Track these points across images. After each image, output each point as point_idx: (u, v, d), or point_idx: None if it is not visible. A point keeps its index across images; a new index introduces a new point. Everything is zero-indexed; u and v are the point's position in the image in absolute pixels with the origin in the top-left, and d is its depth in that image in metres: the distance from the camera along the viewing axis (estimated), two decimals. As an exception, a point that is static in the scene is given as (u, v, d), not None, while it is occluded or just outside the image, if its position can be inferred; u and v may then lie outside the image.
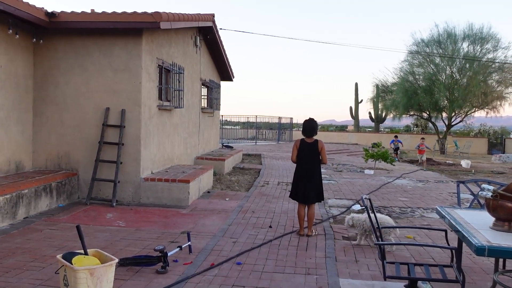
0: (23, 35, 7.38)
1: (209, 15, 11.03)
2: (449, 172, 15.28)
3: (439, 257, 5.26)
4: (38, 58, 7.83)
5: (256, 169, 13.44)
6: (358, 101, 39.01)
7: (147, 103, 7.94)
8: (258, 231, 6.18)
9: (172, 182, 7.77)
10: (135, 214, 6.96)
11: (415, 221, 7.30)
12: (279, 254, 5.18)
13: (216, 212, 7.32)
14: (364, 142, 29.35)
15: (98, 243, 5.28)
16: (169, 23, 7.71)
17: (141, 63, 7.66)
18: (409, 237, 6.16)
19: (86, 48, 7.74)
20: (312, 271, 4.64)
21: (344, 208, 8.06)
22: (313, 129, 6.10)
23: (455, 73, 26.14)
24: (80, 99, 7.80)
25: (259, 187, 10.15)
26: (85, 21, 7.38)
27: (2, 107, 7.05)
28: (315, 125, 6.17)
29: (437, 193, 10.22)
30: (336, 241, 5.86)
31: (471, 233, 3.35)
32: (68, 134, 7.85)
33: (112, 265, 3.68)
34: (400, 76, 28.20)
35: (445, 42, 26.09)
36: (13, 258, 4.69)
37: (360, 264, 4.94)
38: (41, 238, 5.49)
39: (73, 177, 7.72)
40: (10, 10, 6.42)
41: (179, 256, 4.91)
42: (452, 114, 26.46)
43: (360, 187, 10.83)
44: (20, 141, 7.55)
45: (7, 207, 6.04)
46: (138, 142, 7.74)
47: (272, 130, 30.53)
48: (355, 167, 15.54)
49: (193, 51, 11.15)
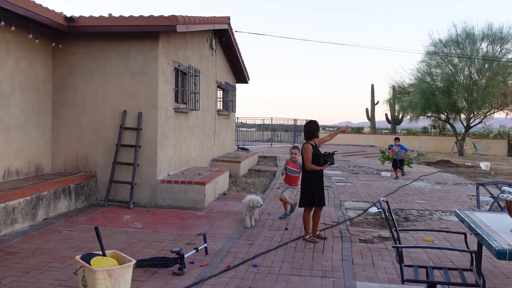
0: (43, 39, 7.51)
1: (225, 18, 11.08)
2: (467, 174, 15.04)
3: (458, 261, 5.18)
4: (57, 62, 7.96)
5: (272, 171, 13.42)
6: (374, 103, 38.67)
7: (163, 105, 8.00)
8: (274, 233, 6.17)
9: (188, 184, 7.81)
10: (152, 216, 7.01)
11: (433, 224, 7.20)
12: (295, 257, 5.16)
13: (232, 214, 7.33)
14: (380, 144, 29.09)
15: (116, 245, 5.34)
16: (185, 26, 7.76)
17: (158, 66, 7.73)
18: (427, 240, 6.07)
19: (104, 51, 7.84)
20: (329, 274, 4.61)
21: (360, 211, 7.99)
22: (309, 131, 5.95)
23: (474, 74, 25.73)
24: (98, 102, 7.91)
25: (274, 189, 10.13)
26: (102, 25, 7.48)
27: (23, 110, 7.19)
28: (311, 127, 5.97)
29: (455, 196, 10.06)
30: (353, 243, 5.81)
31: (491, 236, 3.29)
32: (86, 136, 7.96)
33: (129, 266, 3.71)
34: (417, 77, 27.88)
35: (463, 42, 25.70)
36: (33, 259, 4.77)
37: (377, 267, 4.89)
38: (60, 239, 5.57)
39: (91, 179, 7.82)
40: (30, 15, 6.56)
41: (196, 258, 4.93)
42: (471, 115, 26.04)
43: (376, 189, 10.73)
44: (39, 144, 7.68)
45: (27, 209, 6.15)
46: (154, 144, 7.80)
47: (288, 132, 30.46)
48: (371, 169, 15.40)
49: (208, 53, 11.21)
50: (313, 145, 5.89)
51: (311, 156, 5.78)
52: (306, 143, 5.94)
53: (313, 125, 5.98)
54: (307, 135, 6.00)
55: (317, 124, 6.03)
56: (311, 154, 5.79)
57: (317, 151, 5.88)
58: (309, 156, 5.78)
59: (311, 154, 5.79)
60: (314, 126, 5.98)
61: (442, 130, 35.26)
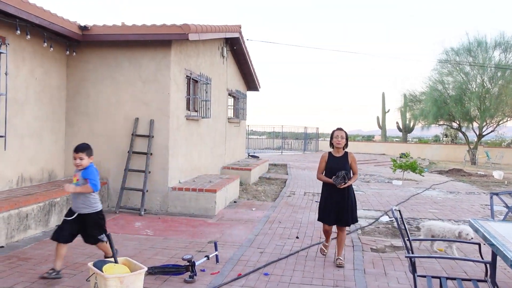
0: (57, 47, 7.63)
1: (236, 27, 11.15)
2: (480, 183, 14.86)
3: (472, 271, 5.10)
4: (70, 70, 8.07)
5: (282, 179, 13.39)
6: (385, 111, 38.54)
7: (175, 113, 8.05)
8: (285, 242, 6.15)
9: (199, 191, 7.83)
10: (163, 223, 7.04)
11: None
12: (306, 265, 5.13)
13: (243, 222, 7.32)
14: (391, 153, 28.92)
15: (127, 252, 5.36)
16: (197, 34, 7.83)
17: (170, 74, 7.79)
18: (440, 250, 6.00)
19: (116, 59, 7.94)
20: (340, 284, 4.57)
21: (372, 220, 7.93)
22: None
23: (486, 82, 25.54)
24: (110, 109, 7.99)
25: (285, 197, 10.11)
26: (116, 33, 7.58)
27: (37, 118, 7.29)
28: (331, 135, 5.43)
29: (468, 205, 9.95)
30: (365, 252, 5.76)
31: (506, 247, 3.24)
32: (98, 143, 8.02)
33: (141, 273, 3.73)
34: (428, 85, 27.78)
35: (475, 51, 25.57)
36: (46, 265, 4.80)
37: (389, 277, 4.84)
38: (72, 246, 5.57)
39: (103, 186, 7.88)
40: (46, 24, 6.68)
41: (207, 266, 4.93)
42: (484, 123, 25.81)
43: (388, 198, 10.65)
44: (53, 151, 7.77)
45: (40, 215, 6.21)
46: (166, 151, 7.85)
47: (298, 140, 30.47)
48: (382, 178, 15.30)
49: (220, 61, 11.28)
50: (332, 154, 5.34)
51: (323, 166, 5.35)
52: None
53: (332, 133, 5.38)
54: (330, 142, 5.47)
55: (333, 132, 5.35)
56: (323, 163, 5.34)
57: (333, 163, 5.26)
58: (320, 165, 5.38)
59: (323, 164, 5.34)
60: (331, 134, 5.39)
61: (454, 138, 34.97)
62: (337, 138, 5.24)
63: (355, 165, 5.30)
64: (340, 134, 5.25)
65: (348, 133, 5.58)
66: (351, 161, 5.27)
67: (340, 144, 5.22)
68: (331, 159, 5.30)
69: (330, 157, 5.31)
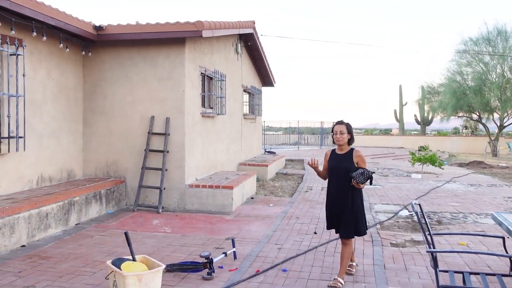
0: (73, 48, 7.69)
1: (250, 22, 11.10)
2: (502, 176, 14.54)
3: (496, 266, 4.98)
4: (87, 70, 8.14)
5: (299, 175, 13.33)
6: (402, 104, 38.01)
7: (190, 110, 8.06)
8: (303, 238, 6.10)
9: (216, 188, 7.83)
10: (180, 220, 7.06)
11: (467, 227, 6.97)
12: (325, 261, 5.08)
13: (260, 218, 7.30)
14: (410, 146, 28.52)
15: (146, 249, 5.38)
16: (210, 31, 7.81)
17: (185, 71, 7.79)
18: (462, 244, 5.88)
19: (131, 58, 7.97)
20: (360, 279, 4.51)
21: (391, 214, 7.82)
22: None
23: (507, 72, 24.97)
24: (126, 108, 8.03)
25: (302, 192, 10.05)
26: (130, 32, 7.61)
27: (55, 119, 7.37)
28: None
29: (490, 198, 9.74)
30: (384, 247, 5.68)
31: (532, 240, 3.14)
32: (115, 142, 8.09)
33: (159, 271, 3.73)
34: (447, 76, 27.30)
35: (495, 40, 25.02)
36: (66, 263, 4.86)
37: (410, 272, 4.76)
38: (92, 244, 5.66)
39: (121, 185, 7.94)
40: (61, 25, 6.73)
41: (225, 262, 4.92)
42: (505, 114, 25.27)
43: (407, 191, 10.50)
44: (71, 151, 7.86)
45: (60, 214, 6.29)
46: (182, 149, 7.86)
47: (314, 135, 30.31)
48: (401, 171, 15.10)
49: (234, 58, 11.25)
50: (335, 151, 4.61)
51: (325, 165, 4.64)
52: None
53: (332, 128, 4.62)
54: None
55: (333, 126, 4.55)
56: (325, 162, 4.65)
57: (334, 161, 4.52)
58: (324, 163, 4.69)
59: (325, 162, 4.65)
60: (331, 129, 4.63)
61: (474, 130, 34.32)
62: (336, 134, 4.44)
63: (363, 166, 4.37)
64: (340, 129, 4.42)
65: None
66: (357, 160, 4.39)
67: (340, 140, 4.41)
68: (333, 156, 4.56)
69: (332, 155, 4.57)
